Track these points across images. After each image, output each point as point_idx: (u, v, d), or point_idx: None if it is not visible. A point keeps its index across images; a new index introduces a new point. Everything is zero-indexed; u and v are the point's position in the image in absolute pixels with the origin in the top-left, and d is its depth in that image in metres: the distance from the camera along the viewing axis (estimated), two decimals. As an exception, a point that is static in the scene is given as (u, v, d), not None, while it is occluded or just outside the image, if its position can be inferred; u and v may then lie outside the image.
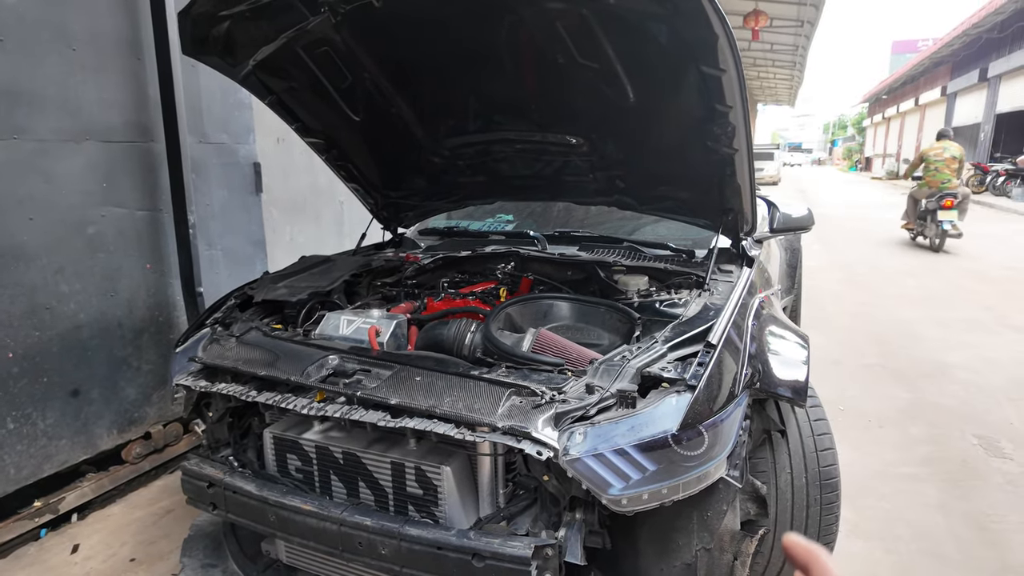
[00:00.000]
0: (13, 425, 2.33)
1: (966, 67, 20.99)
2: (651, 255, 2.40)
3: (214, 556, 1.90)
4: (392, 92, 2.22)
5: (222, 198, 3.19)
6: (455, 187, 2.72)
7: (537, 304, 2.00)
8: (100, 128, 2.58)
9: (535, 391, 1.41)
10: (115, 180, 2.65)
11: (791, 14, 13.00)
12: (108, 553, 2.32)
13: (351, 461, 1.62)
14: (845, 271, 7.37)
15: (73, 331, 2.52)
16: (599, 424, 1.34)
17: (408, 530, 1.42)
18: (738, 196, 2.03)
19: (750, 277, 2.02)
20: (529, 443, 1.31)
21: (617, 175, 2.33)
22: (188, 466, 1.75)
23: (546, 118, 2.19)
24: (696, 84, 1.70)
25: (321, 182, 4.20)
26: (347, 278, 2.32)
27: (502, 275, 2.36)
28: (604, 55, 1.74)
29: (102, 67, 2.57)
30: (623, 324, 1.85)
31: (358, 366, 1.62)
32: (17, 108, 2.28)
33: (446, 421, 1.39)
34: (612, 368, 1.48)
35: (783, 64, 19.14)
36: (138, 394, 2.80)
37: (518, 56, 1.95)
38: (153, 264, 2.84)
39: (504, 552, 1.34)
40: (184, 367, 1.83)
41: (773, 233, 2.70)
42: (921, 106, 26.48)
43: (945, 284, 6.58)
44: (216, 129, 3.13)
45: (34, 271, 2.37)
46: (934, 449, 3.02)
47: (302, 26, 1.90)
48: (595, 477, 1.29)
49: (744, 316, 1.75)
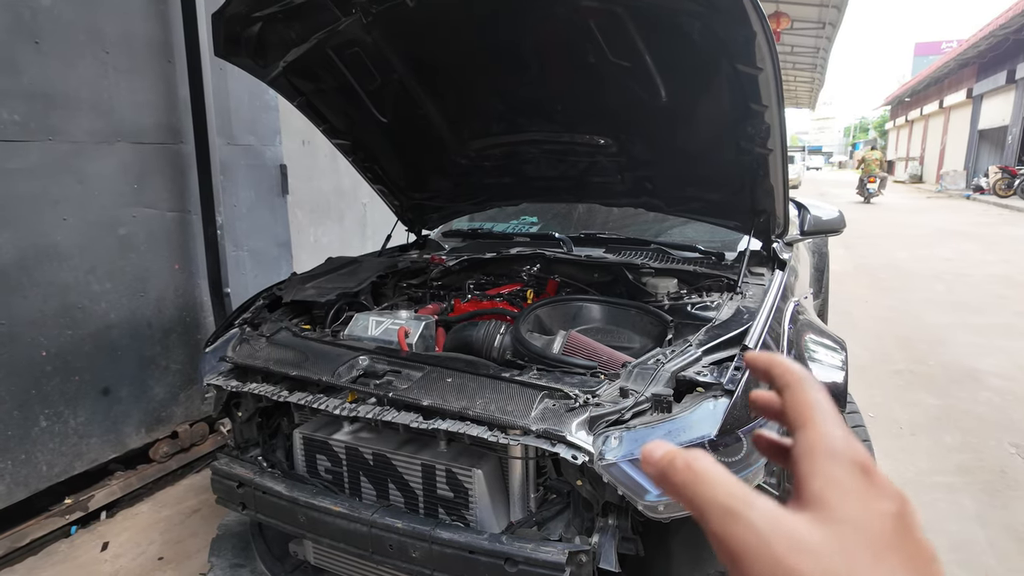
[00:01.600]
0: (46, 423, 2.37)
1: (993, 69, 20.56)
2: (679, 257, 2.36)
3: (242, 556, 1.91)
4: (420, 93, 2.21)
5: (249, 200, 3.22)
6: (480, 189, 2.71)
7: (567, 306, 1.98)
8: (132, 130, 2.61)
9: (568, 394, 1.39)
10: (146, 181, 2.68)
11: (812, 16, 12.83)
12: (137, 551, 2.34)
13: (381, 462, 1.61)
14: (867, 272, 7.25)
15: (104, 330, 2.55)
16: (635, 428, 1.32)
17: (440, 533, 1.41)
18: (770, 197, 1.99)
19: (783, 281, 1.98)
20: (564, 447, 1.29)
21: (646, 176, 2.30)
22: (218, 466, 1.76)
23: (574, 118, 2.17)
24: (731, 82, 1.68)
25: (345, 184, 4.23)
26: (374, 279, 2.32)
27: (528, 277, 2.35)
28: (637, 53, 1.73)
29: (134, 69, 2.61)
30: (654, 327, 1.83)
31: (388, 367, 1.61)
32: (52, 110, 2.32)
33: (479, 423, 1.38)
34: (646, 371, 1.45)
35: (804, 67, 18.90)
36: (166, 393, 2.82)
37: (548, 56, 1.94)
38: (181, 264, 2.87)
39: (537, 557, 1.32)
40: (214, 367, 1.84)
41: (804, 236, 2.65)
42: (945, 108, 26.00)
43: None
44: (244, 131, 3.16)
45: (67, 271, 2.40)
46: (970, 458, 2.95)
47: (333, 27, 1.91)
48: (631, 482, 1.27)
49: (780, 321, 1.72)
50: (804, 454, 0.32)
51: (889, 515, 0.29)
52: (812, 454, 0.32)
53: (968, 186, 19.94)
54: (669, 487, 0.33)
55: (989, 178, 17.66)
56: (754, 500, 0.30)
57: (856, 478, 0.30)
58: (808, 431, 0.33)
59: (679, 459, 0.33)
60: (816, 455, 0.32)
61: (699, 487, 0.32)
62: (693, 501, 0.32)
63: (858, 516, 0.29)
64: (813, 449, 0.32)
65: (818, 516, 0.29)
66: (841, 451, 0.32)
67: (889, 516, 0.29)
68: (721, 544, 0.30)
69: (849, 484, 0.30)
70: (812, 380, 0.36)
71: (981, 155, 21.91)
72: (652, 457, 0.34)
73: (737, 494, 0.30)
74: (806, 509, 0.30)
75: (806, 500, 0.30)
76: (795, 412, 0.35)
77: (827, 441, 0.32)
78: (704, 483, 0.32)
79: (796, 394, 0.36)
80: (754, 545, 0.29)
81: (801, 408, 0.35)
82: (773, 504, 0.30)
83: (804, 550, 0.28)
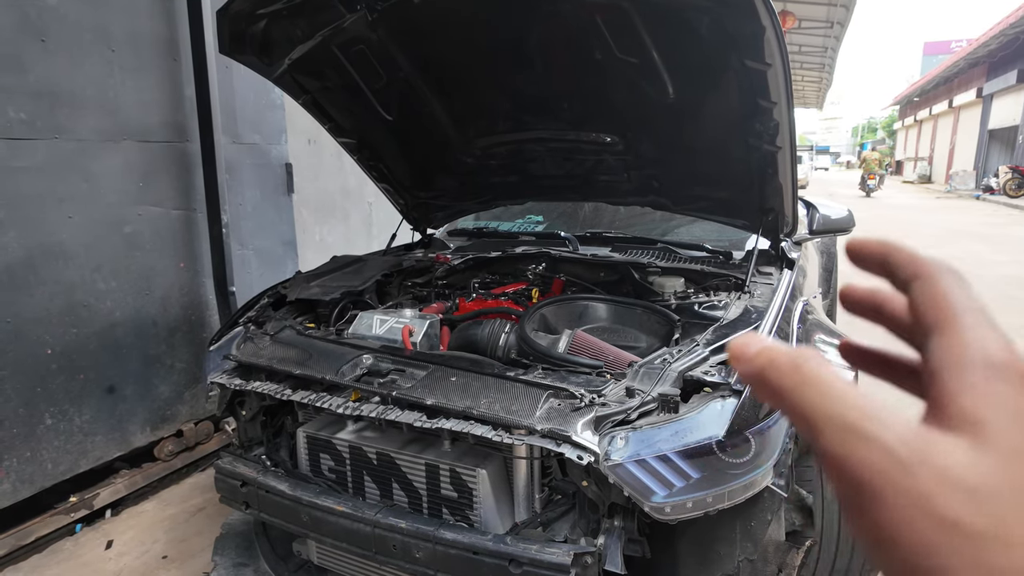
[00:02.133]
0: (51, 421, 2.37)
1: (1003, 68, 20.38)
2: (686, 256, 2.34)
3: (246, 555, 1.90)
4: (425, 91, 2.20)
5: (254, 198, 3.22)
6: (486, 187, 2.70)
7: (572, 305, 1.96)
8: (137, 128, 2.61)
9: (574, 393, 1.37)
10: (151, 180, 2.68)
11: (820, 15, 12.76)
12: (141, 550, 2.34)
13: (385, 462, 1.60)
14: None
15: (109, 329, 2.55)
16: (641, 429, 1.30)
17: (443, 534, 1.39)
18: (779, 196, 1.97)
19: (792, 280, 1.96)
20: (569, 447, 1.27)
21: (652, 174, 2.28)
22: (221, 464, 1.75)
23: (580, 116, 2.16)
24: (739, 78, 1.66)
25: (351, 183, 4.22)
26: (379, 278, 2.31)
27: (533, 276, 2.33)
28: (644, 50, 1.71)
29: (140, 68, 2.61)
30: (661, 326, 1.81)
31: (392, 366, 1.60)
32: (58, 108, 2.32)
33: (483, 423, 1.36)
34: (652, 371, 1.43)
35: (811, 66, 18.81)
36: (171, 392, 2.82)
37: (554, 53, 1.93)
38: (187, 263, 2.87)
39: (542, 559, 1.30)
40: (218, 365, 1.83)
41: (812, 235, 2.62)
42: (955, 108, 25.80)
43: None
44: (249, 130, 3.16)
45: (73, 269, 2.40)
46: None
47: (338, 24, 1.90)
48: (637, 483, 1.25)
49: (789, 320, 1.69)
50: (948, 364, 0.24)
51: None
52: (961, 364, 0.24)
53: (978, 186, 19.78)
54: (767, 392, 0.26)
55: (999, 178, 17.50)
56: (887, 415, 0.23)
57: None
58: (952, 334, 0.25)
59: (783, 358, 0.26)
60: (967, 365, 0.24)
61: (810, 394, 0.25)
62: (801, 412, 0.25)
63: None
64: (962, 357, 0.24)
65: (975, 442, 0.22)
66: (1002, 360, 0.24)
67: None
68: (839, 470, 0.23)
69: (1016, 404, 0.23)
70: (953, 271, 0.28)
71: (991, 155, 21.73)
72: (746, 353, 0.27)
73: (864, 406, 0.23)
74: (956, 432, 0.23)
75: (954, 421, 0.23)
76: (931, 309, 0.27)
77: (982, 346, 0.24)
78: (817, 390, 0.24)
79: (931, 286, 0.27)
80: (890, 475, 0.22)
81: (940, 304, 0.26)
82: (913, 422, 0.24)
83: (962, 487, 0.21)
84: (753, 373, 0.27)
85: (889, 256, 0.29)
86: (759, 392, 0.27)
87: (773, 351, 0.26)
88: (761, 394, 0.27)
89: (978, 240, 9.72)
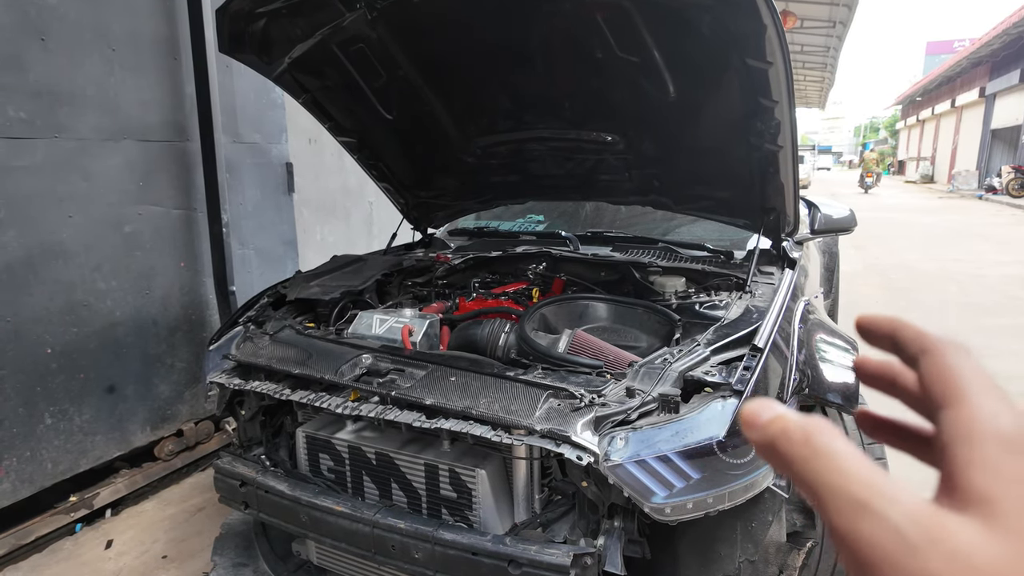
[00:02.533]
0: (51, 420, 2.37)
1: (1006, 67, 20.33)
2: (687, 256, 2.34)
3: (245, 555, 1.89)
4: (426, 90, 2.20)
5: (255, 198, 3.22)
6: (486, 187, 2.69)
7: (573, 304, 1.95)
8: (137, 127, 2.61)
9: (574, 393, 1.36)
10: (151, 179, 2.68)
11: (823, 15, 12.73)
12: (141, 549, 2.34)
13: (384, 462, 1.59)
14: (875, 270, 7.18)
15: (109, 328, 2.55)
16: (641, 429, 1.29)
17: (442, 534, 1.39)
18: (780, 195, 1.96)
19: (793, 280, 1.95)
20: (568, 447, 1.27)
21: (653, 173, 2.28)
22: (221, 464, 1.75)
23: (581, 115, 2.15)
24: (740, 77, 1.65)
25: (351, 183, 4.22)
26: (379, 277, 2.31)
27: (534, 276, 2.33)
28: (645, 48, 1.70)
29: (140, 67, 2.61)
30: (662, 326, 1.80)
31: (392, 365, 1.60)
32: (58, 107, 2.32)
33: (482, 423, 1.36)
34: (653, 371, 1.43)
35: (813, 66, 18.77)
36: (171, 392, 2.82)
37: (555, 52, 1.92)
38: (187, 262, 2.87)
39: (541, 559, 1.30)
40: (218, 365, 1.83)
41: (814, 235, 2.61)
42: (957, 108, 25.75)
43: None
44: (249, 129, 3.16)
45: (73, 268, 2.40)
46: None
47: (338, 23, 1.89)
48: (637, 484, 1.24)
49: (790, 320, 1.68)
50: (959, 438, 0.24)
51: None
52: (971, 438, 0.24)
53: (980, 186, 19.74)
54: (777, 461, 0.26)
55: (1002, 178, 17.46)
56: (896, 492, 0.23)
57: None
58: (961, 407, 0.26)
59: (795, 428, 0.26)
60: (977, 439, 0.24)
61: (820, 467, 0.25)
62: (810, 484, 0.25)
63: None
64: (972, 431, 0.24)
65: (987, 522, 0.22)
66: (1014, 436, 0.24)
67: None
68: (847, 545, 0.23)
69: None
70: (958, 345, 0.28)
71: (994, 155, 21.68)
72: (758, 420, 0.27)
73: (873, 482, 0.23)
74: (966, 510, 0.22)
75: (964, 497, 0.23)
76: (940, 384, 0.27)
77: (993, 421, 0.24)
78: (827, 463, 0.24)
79: (939, 360, 0.28)
80: (896, 556, 0.22)
81: (947, 378, 0.27)
82: (922, 499, 0.23)
83: (969, 567, 0.21)
84: (765, 442, 0.27)
85: (897, 333, 0.30)
86: (769, 460, 0.27)
87: (786, 420, 0.26)
88: (771, 462, 0.27)
89: (981, 240, 9.70)
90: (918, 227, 11.37)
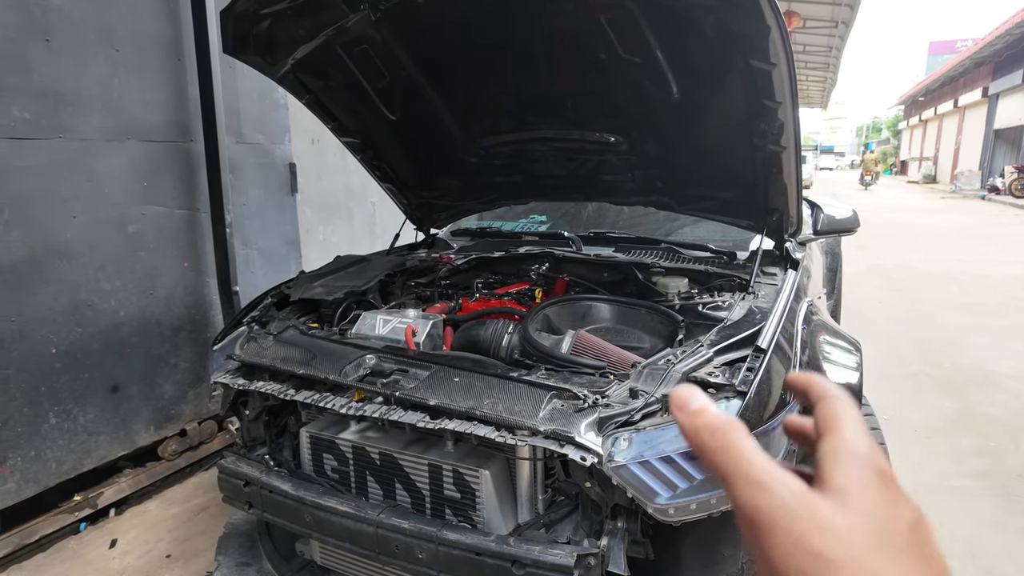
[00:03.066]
0: (55, 420, 2.37)
1: (1009, 67, 20.28)
2: (690, 256, 2.34)
3: (249, 555, 1.90)
4: (429, 91, 2.20)
5: (258, 198, 3.22)
6: (489, 187, 2.69)
7: (576, 305, 1.95)
8: (141, 128, 2.62)
9: (577, 394, 1.36)
10: (155, 179, 2.69)
11: (825, 15, 12.71)
12: (145, 549, 2.35)
13: (388, 462, 1.59)
14: (880, 271, 7.17)
15: (113, 328, 2.56)
16: (644, 430, 1.29)
17: (446, 534, 1.39)
18: (783, 196, 1.96)
19: (796, 281, 1.95)
20: (572, 448, 1.27)
21: (656, 174, 2.28)
22: (225, 464, 1.75)
23: (584, 116, 2.15)
24: (744, 78, 1.65)
25: (354, 183, 4.23)
26: (382, 278, 2.31)
27: (536, 276, 2.33)
28: (648, 49, 1.70)
29: (144, 67, 2.62)
30: (665, 327, 1.80)
31: (395, 366, 1.60)
32: (63, 107, 2.33)
33: (486, 423, 1.36)
34: (656, 372, 1.43)
35: (816, 66, 18.75)
36: (175, 391, 2.83)
37: (558, 52, 1.92)
38: (190, 263, 2.88)
39: (545, 560, 1.30)
40: (222, 365, 1.83)
41: (817, 235, 2.61)
42: (960, 108, 25.69)
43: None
44: (253, 129, 3.16)
45: (77, 268, 2.41)
46: (987, 462, 2.89)
47: (342, 24, 1.90)
48: (641, 485, 1.24)
49: (793, 321, 1.69)
50: (829, 453, 0.34)
51: (906, 521, 0.31)
52: (836, 453, 0.34)
53: (983, 186, 19.70)
54: (694, 446, 0.35)
55: (1005, 178, 17.42)
56: (782, 475, 0.32)
57: (876, 481, 0.32)
58: (835, 435, 0.35)
59: (715, 425, 0.35)
60: (840, 454, 0.34)
61: (730, 458, 0.34)
62: (719, 468, 0.34)
63: (878, 514, 0.31)
64: (837, 449, 0.34)
65: (841, 503, 0.31)
66: (864, 454, 0.34)
67: (906, 522, 0.31)
68: (744, 513, 0.32)
69: (870, 484, 0.32)
70: (845, 396, 0.38)
71: (996, 155, 21.62)
72: (687, 406, 0.36)
73: (766, 467, 0.33)
74: (829, 495, 0.32)
75: (829, 488, 0.32)
76: (824, 421, 0.37)
77: (852, 444, 0.34)
78: (736, 455, 0.33)
79: (827, 405, 0.38)
80: (779, 518, 0.31)
81: (830, 417, 0.37)
82: (800, 483, 0.32)
83: (828, 530, 0.30)
84: (689, 428, 0.36)
85: (807, 387, 0.40)
86: (689, 444, 0.36)
87: (707, 416, 0.36)
88: (690, 446, 0.36)
89: (984, 241, 9.68)
90: (921, 227, 11.35)
